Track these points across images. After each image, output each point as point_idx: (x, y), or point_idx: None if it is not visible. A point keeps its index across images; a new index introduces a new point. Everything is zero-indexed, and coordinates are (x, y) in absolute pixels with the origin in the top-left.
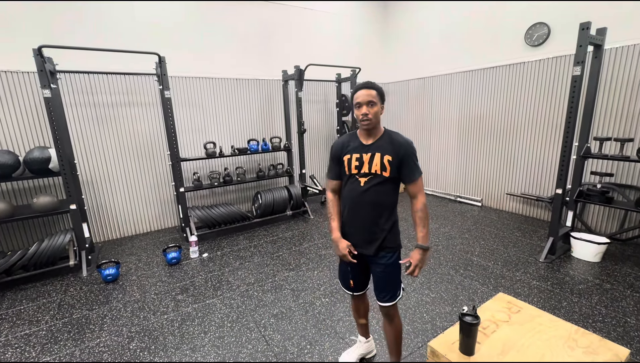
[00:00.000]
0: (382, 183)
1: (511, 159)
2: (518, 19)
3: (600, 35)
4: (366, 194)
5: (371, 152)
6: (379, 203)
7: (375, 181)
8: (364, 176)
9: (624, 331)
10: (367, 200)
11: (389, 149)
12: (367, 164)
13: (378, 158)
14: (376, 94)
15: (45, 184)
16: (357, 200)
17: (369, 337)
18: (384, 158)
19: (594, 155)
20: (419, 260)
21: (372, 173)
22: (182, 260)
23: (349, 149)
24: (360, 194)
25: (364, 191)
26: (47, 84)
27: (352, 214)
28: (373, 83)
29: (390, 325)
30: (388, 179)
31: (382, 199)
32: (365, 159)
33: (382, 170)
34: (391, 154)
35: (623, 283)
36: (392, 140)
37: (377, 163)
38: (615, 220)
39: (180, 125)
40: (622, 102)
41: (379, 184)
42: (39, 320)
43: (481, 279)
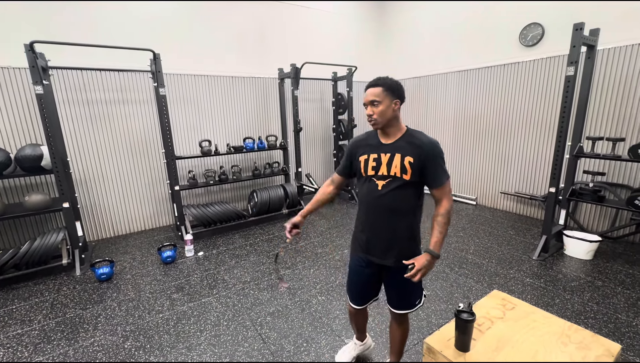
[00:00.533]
0: (402, 186)
1: (505, 158)
2: (513, 20)
3: (594, 36)
4: (384, 199)
5: (390, 152)
6: (398, 209)
7: (394, 185)
8: (382, 179)
9: (615, 327)
10: (385, 205)
11: (410, 150)
12: (385, 166)
13: (398, 159)
14: (381, 91)
15: (37, 182)
16: (375, 204)
17: (364, 339)
18: (404, 159)
19: (587, 154)
20: (424, 264)
21: (391, 176)
22: (177, 258)
23: (366, 148)
24: (377, 199)
25: (381, 195)
26: (39, 80)
27: (369, 220)
28: (381, 79)
29: (399, 327)
30: (408, 183)
31: (401, 204)
32: (383, 160)
33: (403, 173)
34: (412, 156)
35: (614, 281)
36: (414, 140)
37: (397, 164)
38: (606, 219)
39: (175, 123)
40: (614, 102)
41: (398, 188)
42: (31, 320)
43: (476, 277)
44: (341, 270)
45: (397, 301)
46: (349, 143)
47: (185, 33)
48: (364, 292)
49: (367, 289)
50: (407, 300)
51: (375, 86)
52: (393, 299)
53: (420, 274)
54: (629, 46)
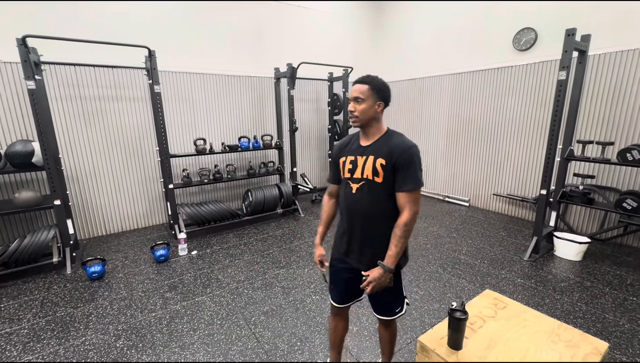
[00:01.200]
0: (375, 190)
1: (498, 160)
2: (507, 24)
3: (585, 42)
4: (358, 203)
5: (366, 155)
6: (372, 214)
7: (367, 188)
8: (356, 182)
9: (603, 326)
10: (359, 209)
11: (383, 152)
12: (360, 168)
13: (371, 162)
14: (367, 89)
15: (28, 178)
16: (350, 208)
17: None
18: (376, 161)
19: (577, 158)
20: (375, 277)
21: (364, 178)
22: (170, 257)
23: (346, 151)
24: (352, 202)
25: (356, 199)
26: (31, 75)
27: (346, 224)
28: (369, 77)
29: (385, 330)
30: (381, 186)
31: (375, 209)
32: (359, 162)
33: (375, 175)
34: (385, 158)
35: (602, 281)
36: (389, 142)
37: (370, 166)
38: (595, 221)
39: (170, 121)
40: (604, 107)
41: (371, 191)
42: (20, 319)
43: (468, 277)
44: None
45: (377, 308)
46: (333, 148)
47: (181, 31)
48: (344, 292)
49: (347, 289)
50: (386, 307)
51: (363, 83)
52: (373, 305)
53: (371, 287)
54: (619, 51)
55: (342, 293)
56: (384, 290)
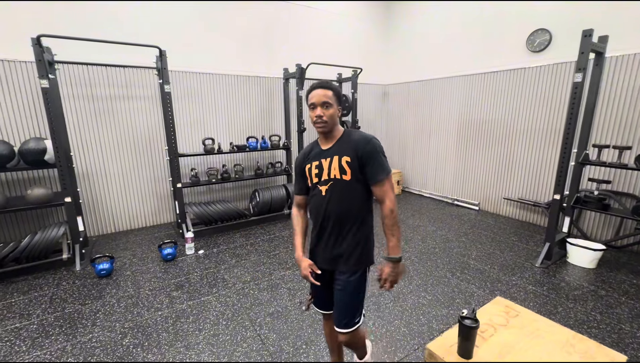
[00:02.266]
0: (344, 188)
1: (509, 163)
2: (520, 25)
3: (602, 43)
4: (329, 204)
5: (330, 157)
6: (343, 213)
7: (336, 188)
8: (325, 184)
9: (619, 338)
10: (330, 210)
11: (346, 150)
12: (326, 170)
13: (336, 161)
14: (332, 94)
15: (40, 176)
16: (321, 212)
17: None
18: (342, 159)
19: (592, 162)
20: (389, 273)
21: (332, 178)
22: (177, 256)
23: (309, 158)
24: (323, 205)
25: (327, 201)
26: (45, 74)
27: (318, 229)
28: (329, 83)
29: (357, 351)
30: (350, 184)
31: (346, 207)
32: (324, 165)
33: (342, 173)
34: (349, 155)
35: (618, 290)
36: (350, 140)
37: (336, 166)
38: (611, 227)
39: (179, 120)
40: (622, 110)
41: (341, 190)
42: (30, 314)
43: (477, 282)
44: None
45: (336, 314)
46: (296, 159)
47: (191, 31)
48: (322, 297)
49: (322, 294)
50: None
51: (327, 89)
52: (334, 311)
53: (389, 282)
54: (638, 53)
55: (320, 299)
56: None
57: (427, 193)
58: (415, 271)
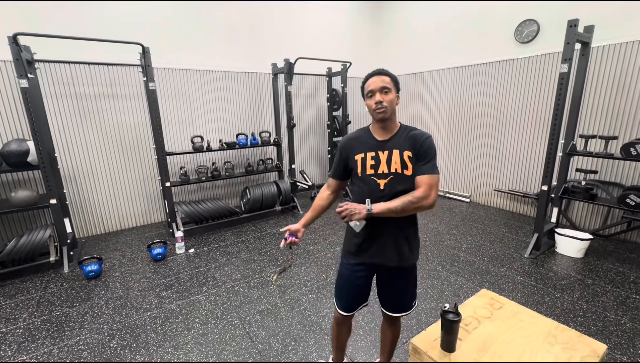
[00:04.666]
0: (404, 183)
1: (499, 155)
2: (509, 16)
3: (588, 33)
4: (386, 198)
5: (388, 149)
6: None
7: (396, 182)
8: (384, 177)
9: (604, 325)
10: None
11: (407, 145)
12: (384, 163)
13: (397, 155)
14: (390, 80)
15: (24, 177)
16: None
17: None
18: (403, 154)
19: (579, 152)
20: (354, 208)
21: (393, 173)
22: (167, 255)
23: (361, 147)
24: (379, 199)
25: (384, 195)
26: (23, 73)
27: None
28: (386, 70)
29: (390, 328)
30: (410, 179)
31: None
32: (382, 157)
33: (404, 168)
34: (410, 150)
35: (604, 279)
36: (408, 135)
37: (397, 160)
38: (598, 217)
39: (166, 118)
40: (608, 100)
41: (400, 185)
42: (16, 318)
43: (467, 275)
44: (332, 268)
45: (393, 305)
46: (340, 143)
47: (176, 26)
48: (354, 298)
49: (358, 294)
50: (403, 302)
51: (385, 75)
52: (389, 302)
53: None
54: (623, 43)
55: (350, 299)
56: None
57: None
58: None
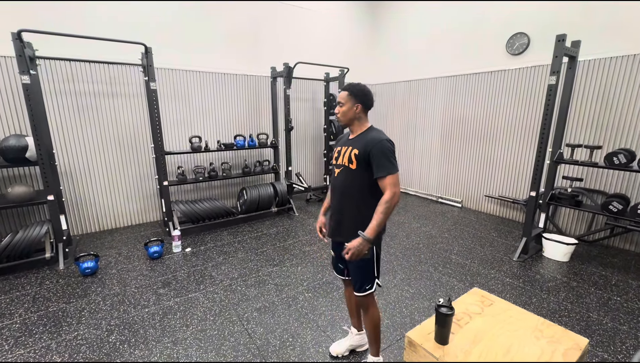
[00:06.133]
0: (350, 175)
1: (490, 162)
2: (501, 28)
3: (575, 48)
4: (337, 184)
5: (348, 145)
6: (345, 193)
7: (344, 173)
8: (338, 167)
9: (587, 325)
10: (337, 189)
11: (359, 144)
12: (341, 157)
13: (349, 152)
14: (347, 94)
15: (21, 173)
16: (333, 189)
17: (361, 330)
18: (352, 151)
19: (566, 161)
20: (354, 245)
21: (342, 165)
22: (164, 254)
23: (339, 143)
24: (334, 184)
25: (336, 181)
26: (26, 70)
27: (331, 202)
28: (349, 85)
29: (365, 315)
30: (354, 172)
31: (349, 190)
32: (342, 152)
33: (349, 163)
34: (359, 149)
35: (588, 281)
36: (366, 137)
37: (347, 155)
38: (583, 223)
39: (165, 118)
40: (593, 111)
41: (347, 175)
42: (12, 313)
43: (458, 276)
44: (328, 268)
45: (352, 279)
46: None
47: (178, 28)
48: (336, 265)
49: (337, 264)
50: (356, 280)
51: (344, 90)
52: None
53: (350, 253)
54: (608, 58)
55: (336, 267)
56: (358, 265)
57: (412, 191)
58: (400, 266)
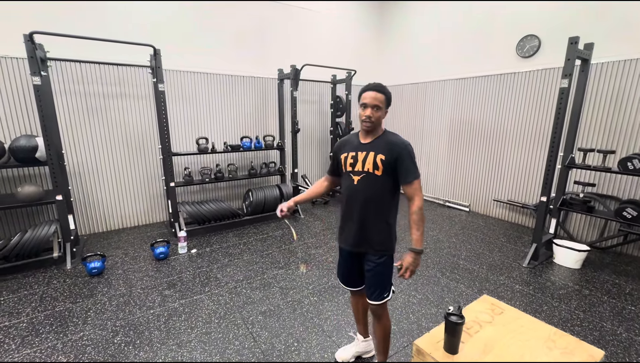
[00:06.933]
0: (375, 181)
1: (499, 166)
2: (511, 31)
3: (588, 50)
4: (358, 192)
5: (366, 151)
6: (370, 201)
7: (367, 179)
8: (358, 174)
9: (600, 335)
10: (358, 198)
11: (383, 149)
12: (360, 163)
13: (372, 157)
14: (384, 99)
15: (31, 173)
16: (350, 197)
17: (368, 336)
18: (377, 156)
19: (578, 165)
20: (410, 262)
21: (365, 171)
22: (170, 255)
23: (346, 148)
24: (353, 192)
25: (356, 189)
26: (37, 71)
27: (346, 211)
28: (383, 87)
29: (377, 324)
30: (380, 178)
31: (373, 198)
32: (359, 157)
33: (375, 169)
34: (385, 154)
35: (601, 290)
36: (388, 140)
37: (370, 161)
38: (595, 229)
39: (173, 119)
40: (606, 115)
41: (371, 182)
42: (19, 312)
43: (466, 282)
44: (333, 271)
45: (367, 288)
46: (335, 145)
47: (185, 30)
48: (348, 277)
49: (350, 275)
50: (374, 289)
51: (381, 93)
52: (365, 285)
53: (409, 271)
54: (622, 60)
55: (345, 277)
56: (378, 274)
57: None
58: None
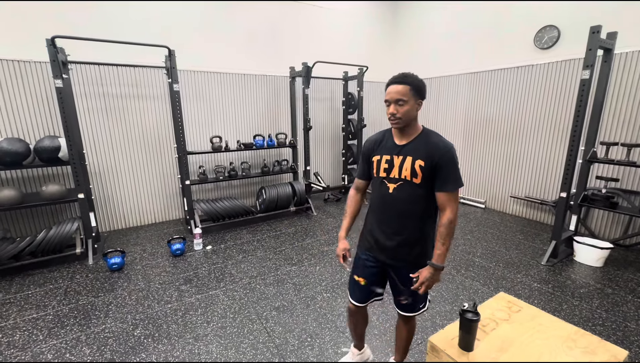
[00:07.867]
0: (413, 190)
1: (516, 161)
2: (528, 22)
3: (611, 40)
4: (394, 202)
5: (403, 155)
6: (407, 212)
7: (404, 188)
8: (393, 182)
9: (624, 335)
10: (395, 207)
11: (422, 153)
12: (397, 169)
13: (409, 163)
14: (408, 90)
15: (54, 173)
16: (385, 206)
17: (362, 348)
18: (415, 162)
19: (600, 160)
20: (426, 277)
21: (402, 179)
22: (186, 251)
23: (380, 149)
24: (388, 201)
25: (392, 198)
26: (59, 74)
27: (379, 220)
28: (406, 76)
29: (405, 326)
30: (419, 187)
31: (411, 208)
32: (396, 162)
33: (413, 176)
34: (424, 159)
35: (625, 289)
36: (427, 142)
37: (408, 168)
38: (619, 226)
39: (188, 118)
40: (631, 107)
41: (409, 191)
42: (46, 305)
43: (482, 279)
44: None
45: (402, 304)
46: (364, 144)
47: (199, 31)
48: (366, 289)
49: (370, 286)
50: (411, 303)
51: (402, 84)
52: (398, 301)
53: (424, 287)
54: None
55: (363, 290)
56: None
57: None
58: None
